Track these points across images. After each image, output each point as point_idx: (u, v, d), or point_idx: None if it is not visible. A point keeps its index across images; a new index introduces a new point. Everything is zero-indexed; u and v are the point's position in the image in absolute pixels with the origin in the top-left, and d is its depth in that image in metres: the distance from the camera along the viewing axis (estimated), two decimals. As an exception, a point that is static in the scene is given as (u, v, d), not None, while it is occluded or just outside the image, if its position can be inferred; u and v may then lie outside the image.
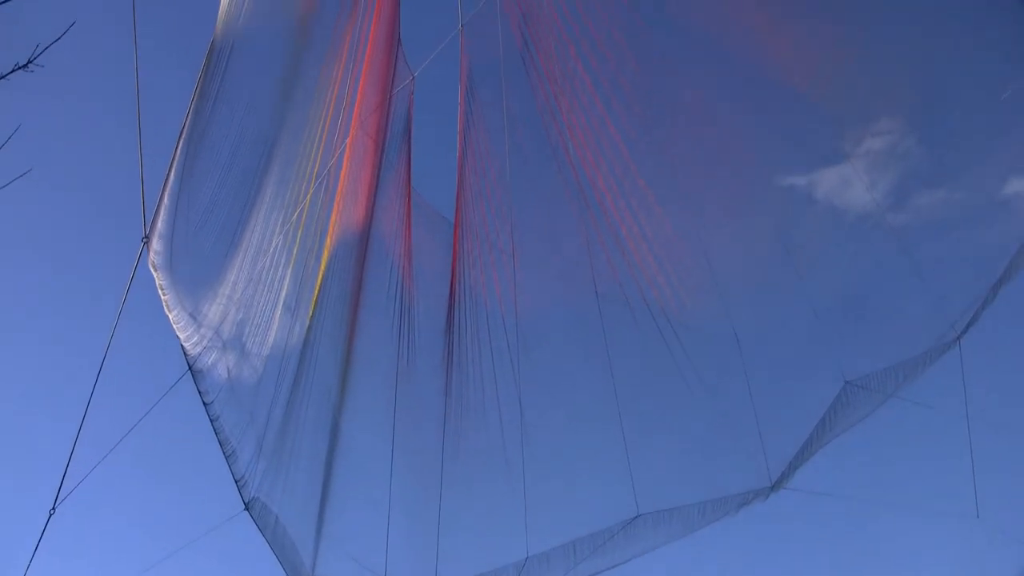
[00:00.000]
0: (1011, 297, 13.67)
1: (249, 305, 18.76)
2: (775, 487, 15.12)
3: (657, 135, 17.37)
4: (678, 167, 17.20)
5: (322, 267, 18.44)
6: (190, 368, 18.80)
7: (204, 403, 18.78)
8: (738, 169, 16.91)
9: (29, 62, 9.83)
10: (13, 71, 9.73)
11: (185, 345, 19.11)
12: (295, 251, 18.52)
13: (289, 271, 18.56)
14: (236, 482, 18.52)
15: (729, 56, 16.66)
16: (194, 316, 19.03)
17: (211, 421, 18.72)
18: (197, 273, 19.40)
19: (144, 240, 18.38)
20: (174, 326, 18.94)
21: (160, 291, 18.90)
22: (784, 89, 16.10)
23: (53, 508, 16.91)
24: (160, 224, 18.70)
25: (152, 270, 19.15)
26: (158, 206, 18.68)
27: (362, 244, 19.12)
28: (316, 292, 18.31)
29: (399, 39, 19.33)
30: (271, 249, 18.67)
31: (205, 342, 19.02)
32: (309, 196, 18.52)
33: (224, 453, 18.78)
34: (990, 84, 14.04)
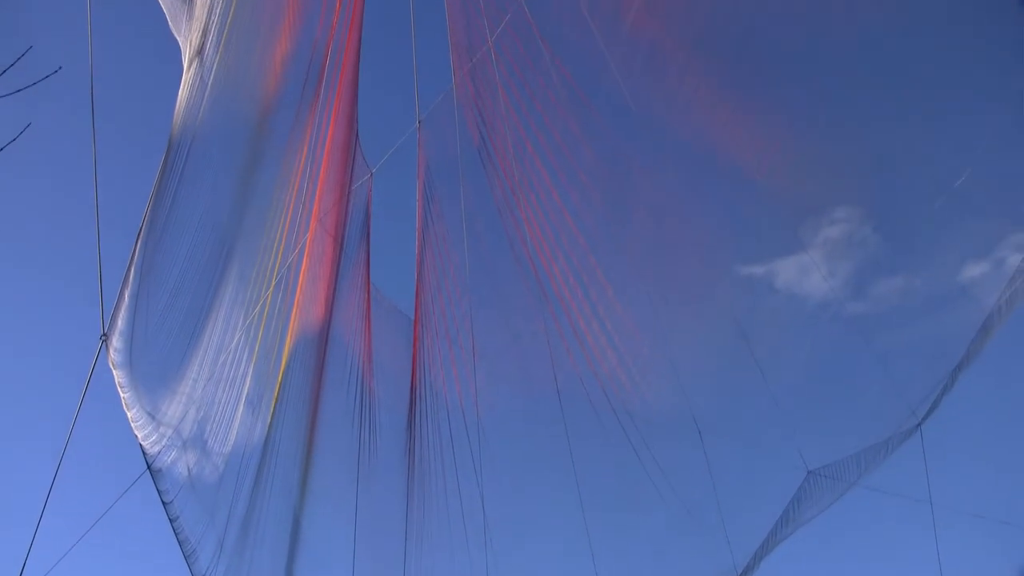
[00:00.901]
0: (971, 382, 13.63)
1: (210, 403, 18.61)
2: (741, 580, 14.92)
3: (615, 228, 17.43)
4: (636, 259, 17.23)
5: (283, 365, 18.35)
6: (149, 467, 18.59)
7: (163, 502, 18.53)
8: (697, 259, 16.93)
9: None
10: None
11: (144, 444, 18.91)
12: (256, 349, 18.44)
13: (250, 369, 18.45)
14: (197, 582, 18.24)
15: (687, 147, 16.78)
16: (153, 414, 18.86)
17: (171, 521, 18.48)
18: (157, 371, 19.27)
19: (103, 338, 18.30)
20: (133, 425, 18.76)
21: (119, 389, 18.76)
22: (742, 179, 16.17)
23: (8, 618, 16.56)
24: (120, 322, 18.64)
25: (112, 368, 19.05)
26: (118, 303, 18.64)
27: (322, 341, 19.06)
28: (277, 390, 18.20)
29: (357, 136, 19.48)
30: (232, 347, 18.58)
31: (165, 440, 18.82)
32: (270, 293, 18.50)
33: (184, 552, 18.51)
34: (943, 173, 14.12)
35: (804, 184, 15.71)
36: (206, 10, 17.12)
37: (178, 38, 17.78)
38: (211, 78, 17.38)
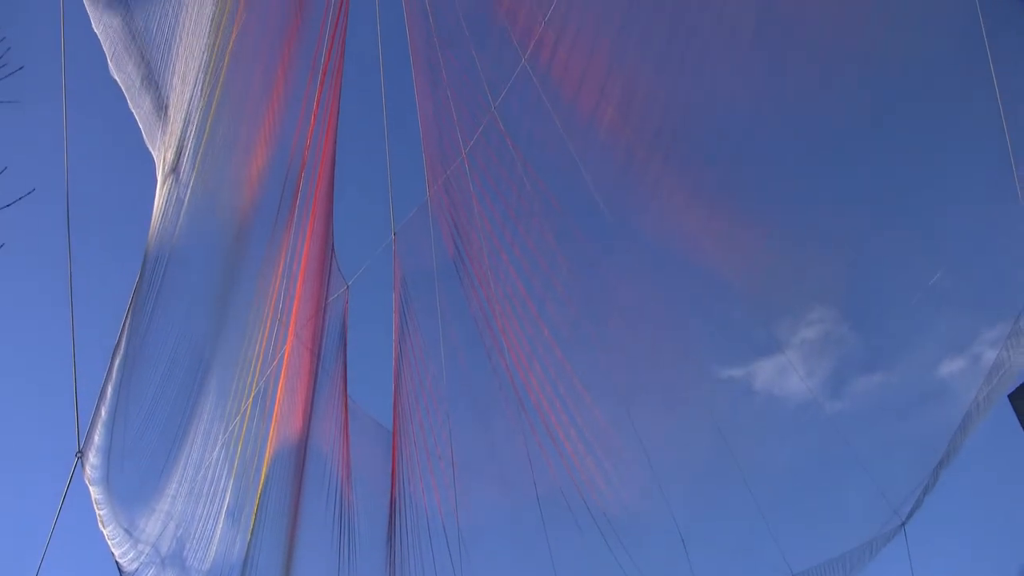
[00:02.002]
0: (953, 479, 13.54)
1: (189, 519, 18.36)
2: None
3: (591, 334, 17.46)
4: (613, 365, 17.22)
5: (261, 480, 18.15)
6: (126, 585, 18.27)
7: (141, 620, 18.18)
8: (674, 364, 16.94)
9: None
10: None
11: (120, 561, 18.59)
12: (235, 464, 18.26)
13: (229, 484, 18.25)
14: None
15: (662, 251, 16.89)
16: (130, 531, 18.57)
17: (149, 639, 18.12)
18: (135, 487, 19.03)
19: (78, 455, 18.10)
20: (109, 542, 18.47)
21: (95, 506, 18.51)
22: (718, 282, 16.25)
23: None
24: (96, 437, 18.47)
25: (87, 484, 18.81)
26: (93, 419, 18.49)
27: (300, 455, 18.91)
28: (256, 505, 17.97)
29: (333, 249, 19.57)
30: (210, 463, 18.39)
31: (143, 557, 18.52)
32: (248, 409, 18.39)
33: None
34: (918, 271, 14.20)
35: (780, 286, 15.80)
36: (181, 126, 17.33)
37: (153, 152, 17.95)
38: (187, 194, 17.50)
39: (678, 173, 16.36)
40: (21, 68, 11.58)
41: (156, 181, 18.32)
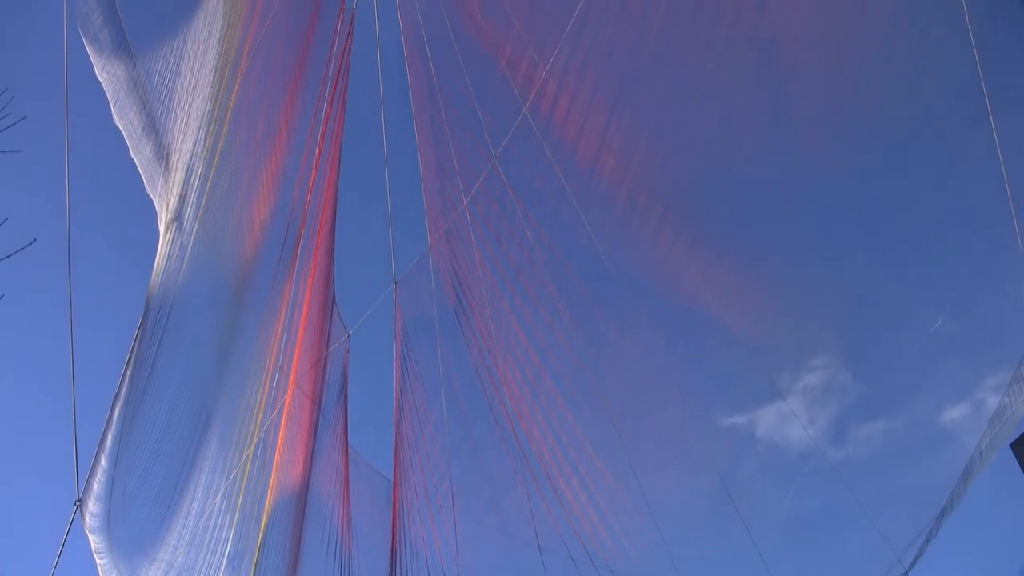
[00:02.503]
0: (955, 526, 13.45)
1: (190, 570, 18.22)
2: None
3: (593, 384, 17.40)
4: (616, 415, 17.16)
5: (261, 529, 18.03)
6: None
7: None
8: (677, 411, 16.88)
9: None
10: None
11: (122, 611, 18.46)
12: (236, 513, 18.16)
13: (230, 533, 18.14)
14: None
15: (663, 300, 16.88)
16: (131, 581, 18.47)
17: None
18: (135, 536, 18.91)
19: (77, 503, 18.01)
20: (110, 592, 18.36)
21: (96, 555, 18.39)
22: (719, 330, 16.23)
23: None
24: (96, 486, 18.38)
25: (88, 533, 18.70)
26: (93, 468, 18.41)
27: (300, 504, 18.81)
28: (256, 555, 17.84)
29: (334, 298, 19.59)
30: (211, 512, 18.29)
31: (144, 607, 18.38)
32: (249, 458, 18.32)
33: None
34: (920, 317, 14.18)
35: (782, 333, 15.79)
36: (183, 174, 17.42)
37: (153, 198, 18.03)
38: (190, 243, 17.56)
39: (679, 222, 16.40)
40: (24, 118, 11.64)
41: (157, 228, 18.45)
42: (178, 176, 17.32)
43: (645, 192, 16.67)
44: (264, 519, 18.30)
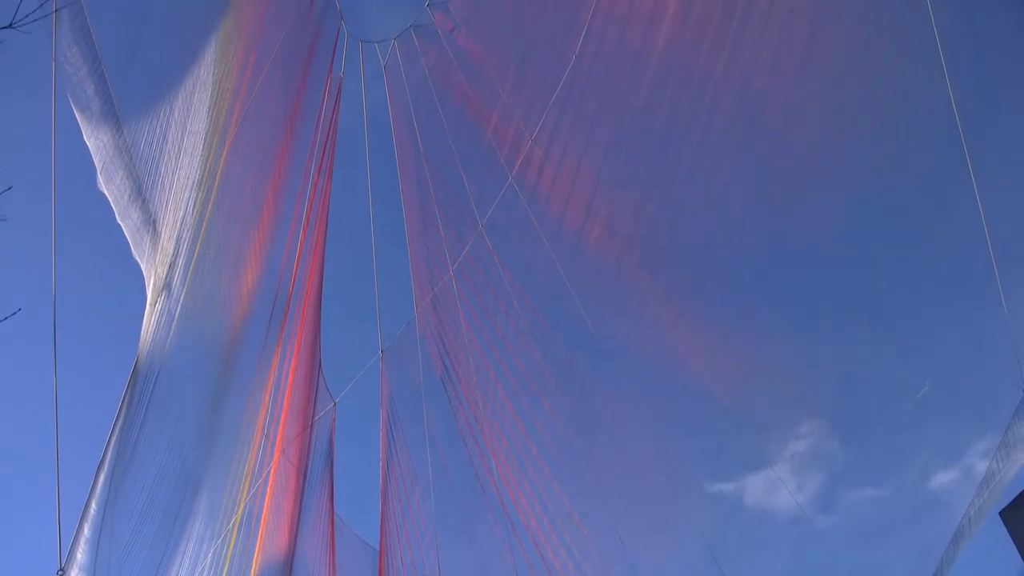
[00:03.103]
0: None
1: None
2: None
3: (580, 451, 17.35)
4: (602, 482, 17.09)
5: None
6: None
7: None
8: (664, 480, 16.82)
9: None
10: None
11: None
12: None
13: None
14: None
15: (650, 368, 16.89)
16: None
17: None
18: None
19: (60, 573, 17.69)
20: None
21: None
22: (706, 397, 16.23)
23: None
24: (80, 555, 18.07)
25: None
26: (76, 536, 18.13)
27: (286, 573, 18.51)
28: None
29: (320, 366, 19.52)
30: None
31: None
32: (236, 526, 18.10)
33: None
34: (906, 383, 14.24)
35: (768, 401, 15.80)
36: (172, 242, 17.39)
37: (141, 264, 17.96)
38: (178, 310, 17.48)
39: (665, 291, 16.47)
40: (10, 188, 11.62)
41: (143, 294, 18.37)
42: (166, 243, 17.30)
43: (632, 261, 16.76)
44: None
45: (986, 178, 11.89)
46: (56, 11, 15.70)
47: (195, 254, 17.14)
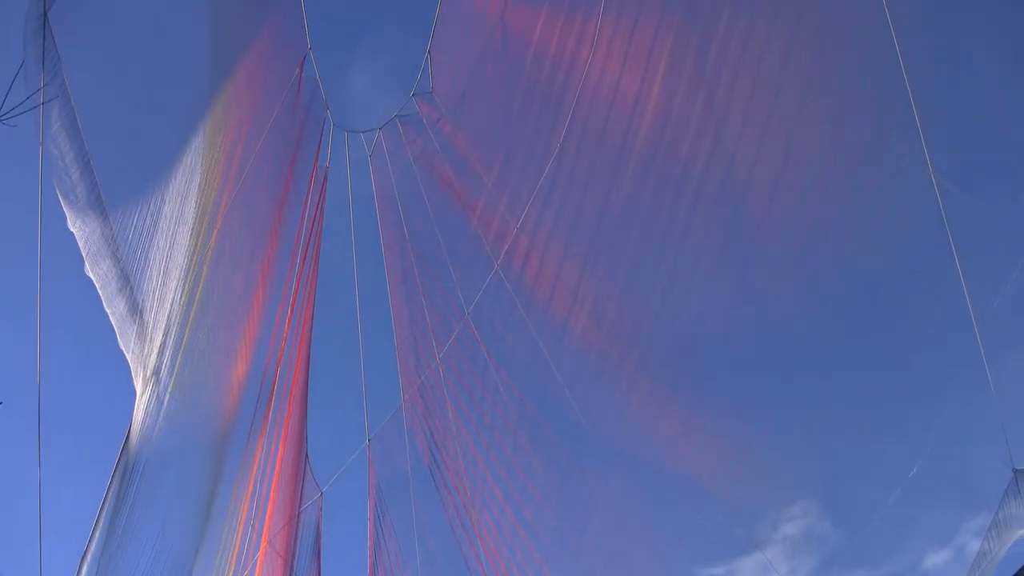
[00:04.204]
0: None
1: None
2: None
3: (570, 540, 17.24)
4: (593, 570, 16.96)
5: None
6: None
7: None
8: (655, 566, 16.72)
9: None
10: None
11: None
12: None
13: None
14: None
15: (638, 455, 16.87)
16: None
17: None
18: None
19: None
20: None
21: None
22: (695, 484, 16.22)
23: None
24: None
25: None
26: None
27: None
28: None
29: (307, 456, 19.34)
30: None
31: None
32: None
33: None
34: (897, 463, 14.33)
35: (758, 484, 15.81)
36: (161, 332, 17.28)
37: (126, 353, 17.80)
38: (166, 399, 17.32)
39: (652, 377, 16.52)
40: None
41: (128, 381, 18.20)
42: (155, 333, 17.19)
43: (617, 348, 16.82)
44: None
45: (971, 262, 12.14)
46: (43, 103, 15.78)
47: (183, 343, 17.05)
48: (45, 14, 14.71)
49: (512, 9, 17.24)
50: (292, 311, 18.48)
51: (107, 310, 17.51)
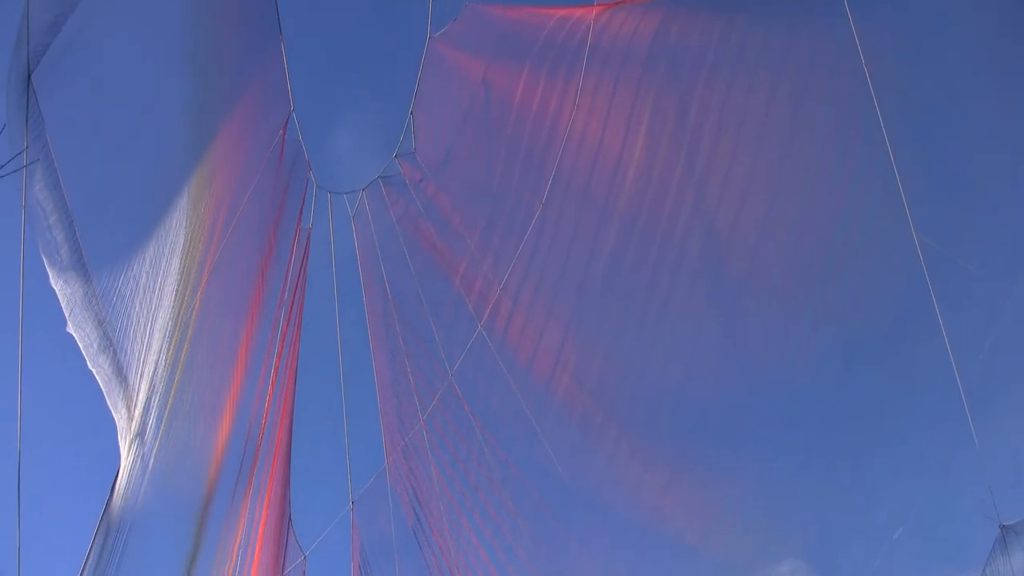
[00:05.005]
0: None
1: None
2: None
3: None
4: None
5: None
6: None
7: None
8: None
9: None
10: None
11: None
12: None
13: None
14: None
15: (623, 516, 16.78)
16: None
17: None
18: None
19: None
20: None
21: None
22: (682, 546, 16.14)
23: None
24: None
25: None
26: None
27: None
28: None
29: (290, 519, 19.17)
30: None
31: None
32: None
33: None
34: (880, 528, 14.29)
35: (745, 544, 15.74)
36: (145, 394, 17.18)
37: (114, 413, 17.69)
38: (151, 462, 17.18)
39: (636, 438, 16.49)
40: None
41: (111, 442, 18.08)
42: (139, 396, 17.11)
43: (601, 409, 16.79)
44: None
45: (953, 320, 12.18)
46: (27, 165, 15.79)
47: (168, 405, 16.96)
48: (29, 76, 14.78)
49: (494, 70, 17.38)
50: (275, 373, 18.42)
51: (91, 368, 17.44)
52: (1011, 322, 13.10)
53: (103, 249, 17.06)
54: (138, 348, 17.17)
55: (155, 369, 17.03)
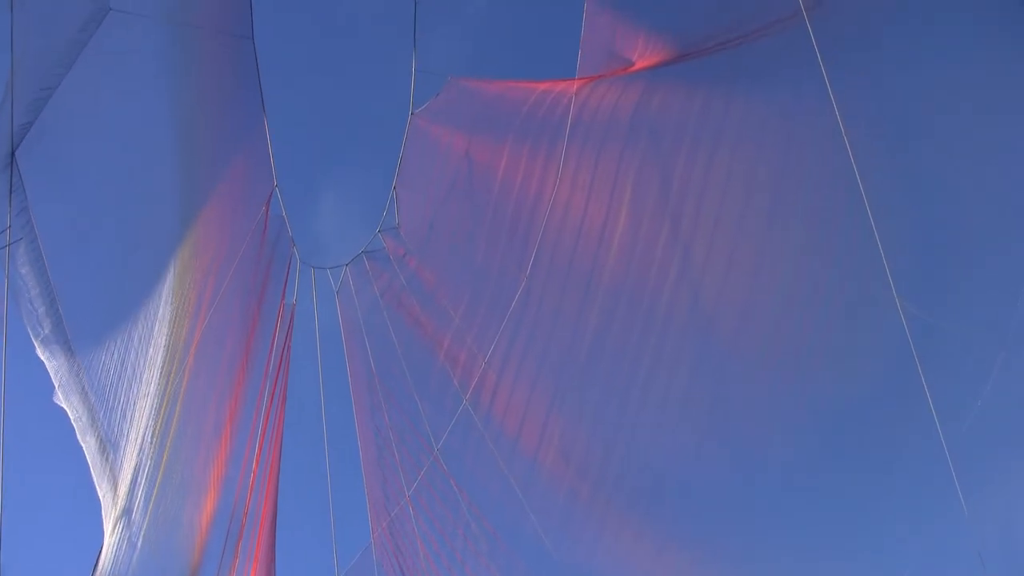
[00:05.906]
0: None
1: None
2: None
3: None
4: None
5: None
6: None
7: None
8: None
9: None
10: None
11: None
12: None
13: None
14: None
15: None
16: None
17: None
18: None
19: None
20: None
21: None
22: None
23: None
24: None
25: None
26: None
27: None
28: None
29: (278, 589, 19.00)
30: None
31: None
32: None
33: None
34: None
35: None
36: (131, 472, 17.08)
37: (97, 489, 17.57)
38: (139, 542, 17.05)
39: (624, 512, 16.44)
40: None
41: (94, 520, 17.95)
42: (125, 474, 17.02)
43: (587, 484, 16.73)
44: None
45: (937, 385, 12.19)
46: (10, 244, 15.83)
47: (157, 483, 16.86)
48: (13, 153, 14.87)
49: (477, 144, 17.50)
50: (260, 449, 18.32)
51: (80, 442, 17.37)
52: (997, 390, 13.16)
53: (85, 325, 17.06)
54: (124, 425, 17.12)
55: (140, 447, 16.96)
